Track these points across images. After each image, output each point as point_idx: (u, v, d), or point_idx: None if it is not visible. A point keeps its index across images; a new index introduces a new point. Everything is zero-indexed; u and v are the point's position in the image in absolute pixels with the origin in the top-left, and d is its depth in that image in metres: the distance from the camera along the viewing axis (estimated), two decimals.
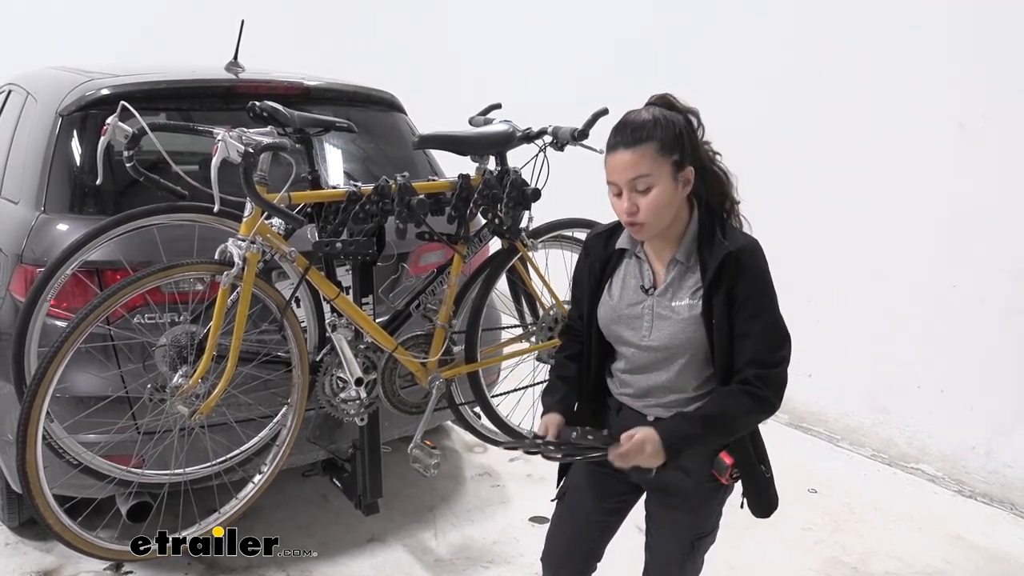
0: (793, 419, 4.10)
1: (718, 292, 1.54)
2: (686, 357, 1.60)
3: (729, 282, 1.54)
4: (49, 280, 2.10)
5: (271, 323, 2.36)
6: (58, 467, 2.16)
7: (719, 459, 1.65)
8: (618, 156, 1.52)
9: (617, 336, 1.67)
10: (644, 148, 1.50)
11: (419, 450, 2.55)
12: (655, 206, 1.51)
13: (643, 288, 1.64)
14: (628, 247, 1.68)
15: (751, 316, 1.54)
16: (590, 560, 1.89)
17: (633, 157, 1.50)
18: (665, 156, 1.51)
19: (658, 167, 1.50)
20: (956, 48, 3.36)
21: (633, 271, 1.67)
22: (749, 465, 1.67)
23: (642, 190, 1.51)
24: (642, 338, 1.62)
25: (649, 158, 1.50)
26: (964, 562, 2.93)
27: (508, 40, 5.84)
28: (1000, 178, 3.27)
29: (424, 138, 2.53)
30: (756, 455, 1.68)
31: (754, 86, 4.12)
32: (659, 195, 1.51)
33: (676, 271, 1.61)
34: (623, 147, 1.51)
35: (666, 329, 1.60)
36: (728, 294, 1.54)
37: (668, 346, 1.59)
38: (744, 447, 1.66)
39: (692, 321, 1.57)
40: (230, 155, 1.98)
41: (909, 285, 3.61)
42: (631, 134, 1.51)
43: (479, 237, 2.63)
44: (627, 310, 1.65)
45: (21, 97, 2.90)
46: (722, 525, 1.83)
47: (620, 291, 1.68)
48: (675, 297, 1.60)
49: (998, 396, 3.36)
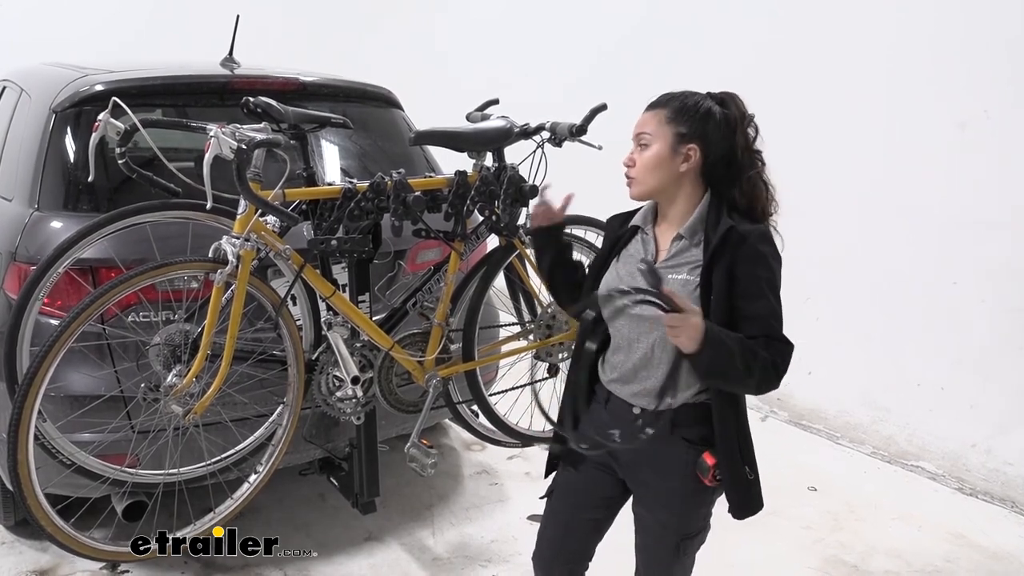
0: (793, 417, 4.09)
1: (718, 267, 1.57)
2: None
3: (730, 259, 1.57)
4: (41, 278, 2.08)
5: (266, 321, 2.35)
6: (51, 467, 2.14)
7: (701, 460, 1.65)
8: (644, 112, 1.68)
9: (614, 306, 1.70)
10: (657, 111, 1.65)
11: (416, 449, 2.54)
12: (646, 165, 1.64)
13: (644, 261, 1.68)
14: (640, 224, 1.74)
15: (754, 296, 1.56)
16: (580, 559, 1.88)
17: (646, 116, 1.67)
18: (671, 124, 1.63)
19: (660, 132, 1.63)
20: (957, 47, 3.35)
21: (639, 247, 1.73)
22: (733, 464, 1.65)
23: (642, 145, 1.65)
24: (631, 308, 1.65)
25: (656, 121, 1.64)
26: (964, 560, 2.92)
27: (508, 38, 5.81)
28: (1000, 176, 3.26)
29: (420, 134, 2.51)
30: (742, 455, 1.66)
31: (753, 83, 4.09)
32: (652, 155, 1.63)
33: (678, 246, 1.66)
34: (647, 108, 1.68)
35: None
36: (729, 271, 1.56)
37: (654, 315, 1.57)
38: (731, 444, 1.64)
39: (685, 295, 1.58)
40: (223, 151, 1.95)
41: (909, 282, 3.60)
42: (658, 98, 1.68)
43: (476, 234, 2.61)
44: (627, 281, 1.68)
45: (15, 93, 2.87)
46: (720, 524, 1.82)
47: (624, 264, 1.73)
48: (672, 271, 1.64)
49: (998, 394, 3.35)
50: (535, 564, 1.91)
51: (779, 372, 1.56)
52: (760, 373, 1.54)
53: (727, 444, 1.64)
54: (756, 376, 1.55)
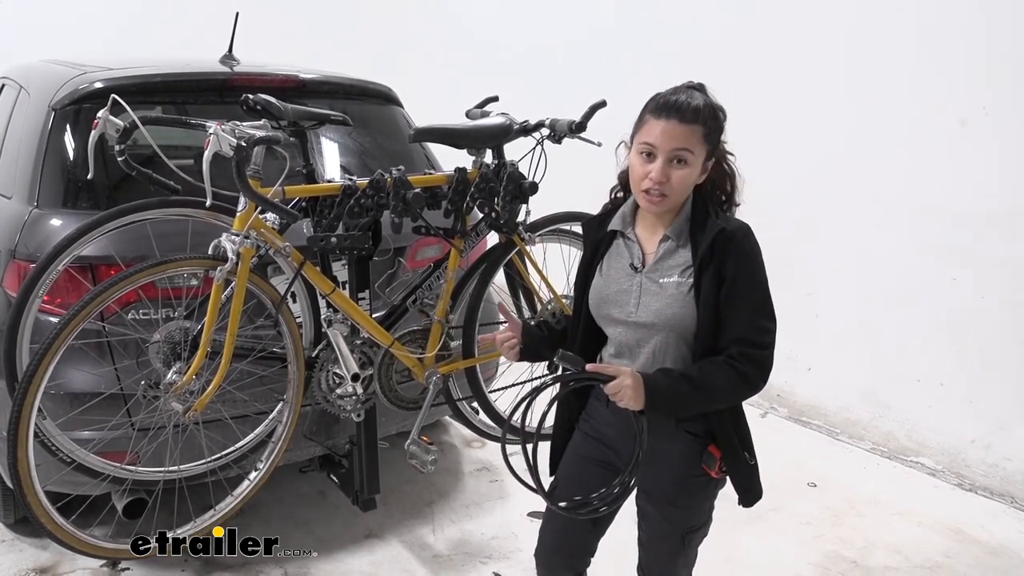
0: (792, 413, 4.09)
1: (708, 269, 1.58)
2: (673, 334, 1.62)
3: (719, 260, 1.57)
4: (41, 275, 2.09)
5: (266, 318, 2.35)
6: (51, 464, 2.14)
7: (708, 453, 1.67)
8: (671, 124, 1.56)
9: (606, 315, 1.69)
10: (695, 128, 1.56)
11: (416, 446, 2.54)
12: (684, 182, 1.58)
13: (632, 266, 1.67)
14: (620, 228, 1.71)
15: (737, 296, 1.57)
16: (582, 555, 1.89)
17: (687, 131, 1.56)
18: (706, 143, 1.59)
19: (699, 149, 1.58)
20: (957, 43, 3.34)
21: (623, 252, 1.71)
22: (732, 453, 1.67)
23: (678, 163, 1.57)
24: (629, 314, 1.65)
25: (696, 138, 1.57)
26: (964, 555, 2.92)
27: (507, 35, 5.80)
28: (1000, 172, 3.25)
29: (420, 131, 2.51)
30: (740, 441, 1.68)
31: (754, 79, 4.09)
32: (690, 174, 1.58)
33: (665, 248, 1.65)
34: (678, 119, 1.55)
35: (653, 304, 1.62)
36: (717, 272, 1.57)
37: (655, 322, 1.61)
38: (727, 434, 1.66)
39: (679, 297, 1.60)
40: (222, 149, 1.96)
41: (909, 279, 3.59)
42: (690, 112, 1.56)
43: (476, 231, 2.61)
44: (615, 288, 1.68)
45: (14, 91, 2.87)
46: (720, 519, 1.82)
47: (609, 271, 1.71)
48: (663, 274, 1.63)
49: (998, 390, 3.35)
50: (537, 561, 1.91)
51: (751, 380, 1.57)
52: (728, 392, 1.58)
53: (726, 435, 1.66)
54: (725, 395, 1.59)
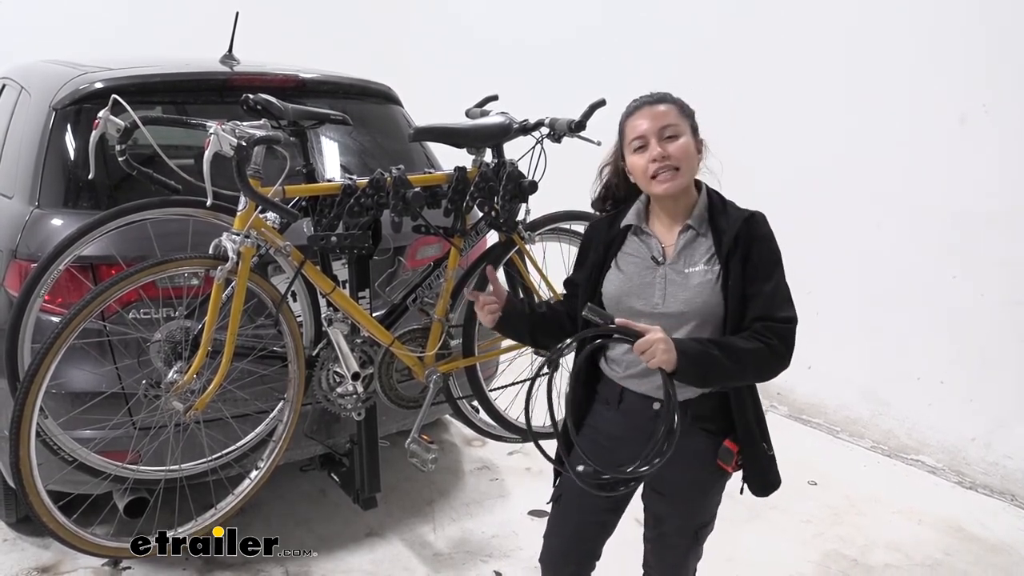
0: (792, 411, 4.10)
1: (735, 256, 1.59)
2: (699, 322, 1.62)
3: (745, 246, 1.60)
4: (42, 275, 2.09)
5: (267, 318, 2.35)
6: (53, 463, 2.15)
7: (724, 448, 1.68)
8: (646, 110, 1.64)
9: (628, 308, 1.68)
10: (669, 106, 1.64)
11: (417, 445, 2.54)
12: (685, 151, 1.62)
13: (654, 259, 1.68)
14: (635, 223, 1.72)
15: (761, 278, 1.59)
16: (589, 560, 1.89)
17: (663, 110, 1.63)
18: (685, 117, 1.65)
19: (682, 122, 1.64)
20: (957, 42, 3.34)
21: (641, 246, 1.72)
22: (752, 444, 1.67)
23: (669, 137, 1.61)
24: (655, 306, 1.65)
25: (675, 114, 1.64)
26: (964, 553, 2.92)
27: (507, 34, 5.80)
28: (1000, 170, 3.26)
29: (420, 130, 2.51)
30: (761, 434, 1.69)
31: (754, 78, 4.09)
32: (686, 143, 1.62)
33: (686, 237, 1.66)
34: (649, 104, 1.65)
35: (681, 295, 1.63)
36: (744, 258, 1.59)
37: (683, 312, 1.62)
38: (750, 426, 1.66)
39: (707, 286, 1.61)
40: (222, 148, 1.96)
41: (909, 277, 3.60)
42: (657, 97, 1.66)
43: (476, 230, 2.61)
44: (638, 281, 1.68)
45: (15, 91, 2.87)
46: (721, 517, 1.83)
47: (627, 266, 1.71)
48: (688, 263, 1.65)
49: (998, 388, 3.35)
50: (543, 566, 1.91)
51: (778, 352, 1.57)
52: (756, 361, 1.56)
53: (747, 427, 1.66)
54: (753, 365, 1.56)
